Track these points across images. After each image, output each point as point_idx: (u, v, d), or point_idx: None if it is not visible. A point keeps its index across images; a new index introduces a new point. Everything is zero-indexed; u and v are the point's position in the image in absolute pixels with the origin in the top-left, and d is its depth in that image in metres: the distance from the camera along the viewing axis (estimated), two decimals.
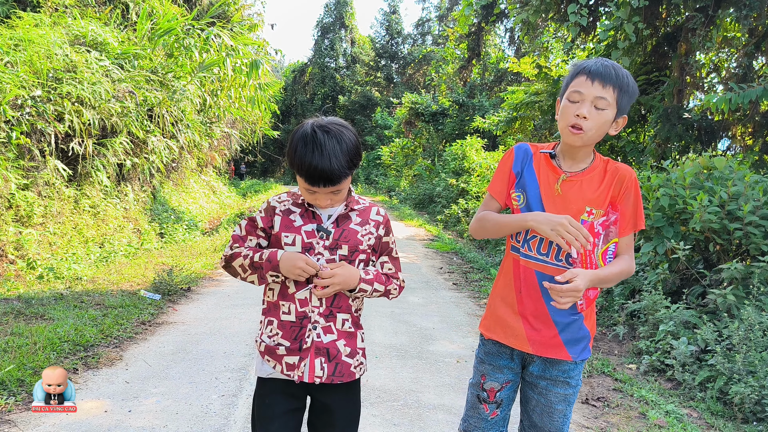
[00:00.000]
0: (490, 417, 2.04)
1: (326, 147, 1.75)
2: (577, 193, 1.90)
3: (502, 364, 2.02)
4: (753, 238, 5.02)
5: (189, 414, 3.23)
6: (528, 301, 1.94)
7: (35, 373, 3.52)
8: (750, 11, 7.22)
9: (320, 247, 1.87)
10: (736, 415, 3.93)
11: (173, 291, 5.96)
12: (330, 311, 1.88)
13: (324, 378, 1.84)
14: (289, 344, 1.86)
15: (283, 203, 1.96)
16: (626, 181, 1.92)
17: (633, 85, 1.88)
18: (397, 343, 4.87)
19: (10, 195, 7.88)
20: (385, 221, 2.01)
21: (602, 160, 1.98)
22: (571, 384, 1.98)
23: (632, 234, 1.96)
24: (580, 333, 1.94)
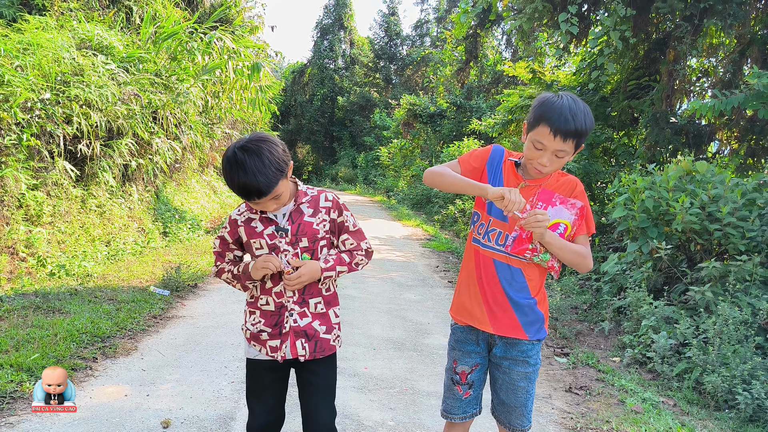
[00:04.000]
0: (464, 397, 2.26)
1: (247, 164, 1.93)
2: (530, 197, 2.12)
3: (470, 350, 2.25)
4: (731, 238, 5.30)
5: (202, 398, 3.52)
6: (488, 287, 2.16)
7: (58, 362, 3.80)
8: (734, 20, 7.52)
9: (284, 244, 2.11)
10: (710, 403, 4.22)
11: (181, 287, 6.25)
12: (303, 299, 2.16)
13: (307, 355, 2.14)
14: (271, 330, 2.14)
15: (242, 214, 2.19)
16: (577, 188, 2.16)
17: (590, 122, 2.04)
18: (393, 337, 5.16)
19: (20, 195, 8.14)
20: (335, 204, 2.22)
21: (557, 172, 2.20)
22: (530, 363, 2.19)
23: (586, 236, 2.16)
24: (535, 315, 2.16)
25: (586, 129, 2.02)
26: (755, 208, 5.50)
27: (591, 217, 2.15)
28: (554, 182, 2.15)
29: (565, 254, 2.09)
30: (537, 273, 2.17)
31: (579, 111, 2.00)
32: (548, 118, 2.00)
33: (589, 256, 2.14)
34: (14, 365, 3.61)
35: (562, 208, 2.09)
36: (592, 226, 2.16)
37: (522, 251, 2.10)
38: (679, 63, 8.43)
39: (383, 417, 3.46)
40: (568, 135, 1.98)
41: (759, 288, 5.00)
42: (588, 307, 6.80)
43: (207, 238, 10.85)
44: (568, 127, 1.97)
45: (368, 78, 43.09)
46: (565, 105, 2.00)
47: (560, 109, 1.99)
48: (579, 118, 1.98)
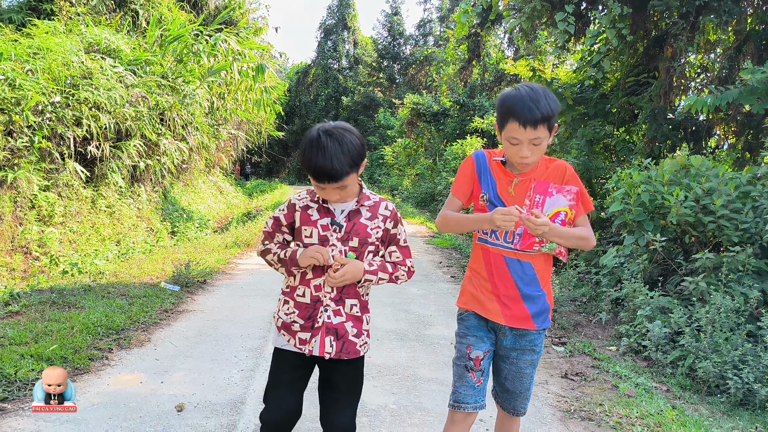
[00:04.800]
0: (476, 384, 2.28)
1: (328, 148, 1.99)
2: (525, 191, 2.19)
3: (482, 335, 2.30)
4: (725, 230, 5.44)
5: (214, 385, 3.70)
6: (499, 282, 2.23)
7: (76, 352, 3.99)
8: (729, 17, 7.65)
9: (334, 239, 2.14)
10: (702, 388, 4.37)
11: (191, 283, 6.44)
12: (340, 297, 2.17)
13: (333, 354, 2.15)
14: (303, 322, 2.16)
15: (302, 200, 2.23)
16: (567, 172, 2.24)
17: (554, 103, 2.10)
18: (397, 328, 5.33)
19: (32, 196, 8.35)
20: (393, 215, 2.26)
21: (544, 159, 2.27)
22: (536, 350, 2.31)
23: (585, 215, 2.25)
24: (543, 306, 2.26)
25: (551, 111, 2.07)
26: (749, 201, 5.63)
27: (586, 196, 2.23)
28: (544, 170, 2.23)
29: (568, 242, 2.17)
30: (544, 264, 2.26)
31: (539, 97, 2.05)
32: (513, 113, 2.07)
33: (591, 236, 2.22)
34: (34, 355, 3.80)
35: (559, 196, 2.14)
36: (589, 204, 2.23)
37: (530, 245, 2.18)
38: (677, 60, 8.56)
39: (386, 401, 3.63)
40: (536, 122, 2.04)
41: (751, 278, 5.14)
42: (587, 300, 6.95)
43: (214, 237, 11.04)
44: (534, 115, 2.03)
45: (372, 78, 43.26)
46: (524, 95, 2.07)
47: (521, 101, 2.05)
48: (541, 103, 2.04)
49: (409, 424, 3.33)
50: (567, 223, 2.16)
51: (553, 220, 2.12)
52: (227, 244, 9.77)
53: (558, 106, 2.11)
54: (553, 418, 3.56)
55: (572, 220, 2.18)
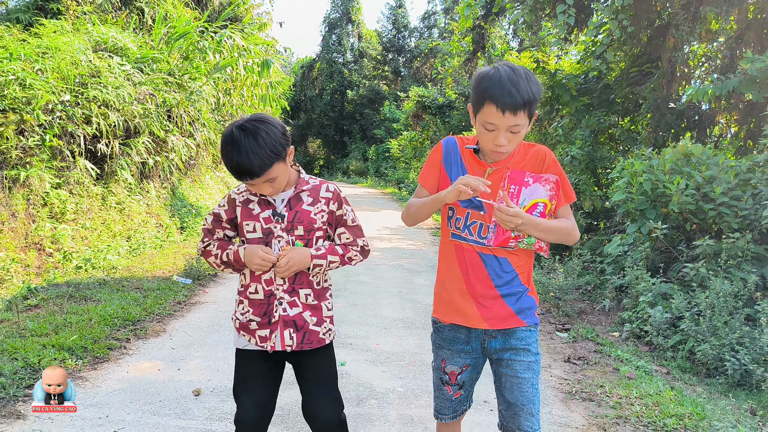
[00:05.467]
0: (453, 397, 2.16)
1: (242, 144, 1.90)
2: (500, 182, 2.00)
3: (458, 348, 2.11)
4: (725, 217, 5.54)
5: (228, 371, 3.84)
6: (476, 282, 2.04)
7: (95, 342, 4.14)
8: (730, 7, 7.71)
9: (278, 230, 2.07)
10: (701, 371, 4.49)
11: (202, 276, 6.60)
12: (293, 288, 2.09)
13: (294, 346, 2.08)
14: (260, 319, 2.09)
15: (242, 194, 2.14)
16: (546, 160, 2.04)
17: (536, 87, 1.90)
18: (403, 317, 5.47)
19: (44, 193, 8.52)
20: (336, 196, 2.17)
21: (522, 145, 2.06)
22: (531, 351, 2.07)
23: (567, 206, 2.06)
24: (527, 303, 2.07)
25: (533, 95, 1.88)
26: (749, 188, 5.72)
27: (568, 185, 2.05)
28: (521, 157, 2.04)
29: (547, 235, 1.98)
30: (525, 260, 2.08)
31: (521, 79, 1.85)
32: (491, 95, 1.86)
33: (573, 229, 2.05)
34: (56, 345, 3.96)
35: (537, 186, 1.96)
36: (571, 194, 2.05)
37: (506, 241, 1.99)
38: (679, 50, 8.62)
39: (394, 384, 3.77)
40: (516, 108, 1.84)
41: (751, 264, 5.24)
42: (592, 288, 7.07)
43: None
44: (515, 100, 1.83)
45: (377, 71, 43.29)
46: (504, 77, 1.86)
47: (500, 83, 1.85)
48: (522, 86, 1.84)
49: (416, 405, 3.46)
50: (546, 215, 1.97)
51: (531, 212, 1.94)
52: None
53: (540, 91, 1.91)
54: (554, 399, 3.69)
55: (553, 212, 2.01)
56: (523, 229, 1.93)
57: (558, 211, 2.03)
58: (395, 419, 3.27)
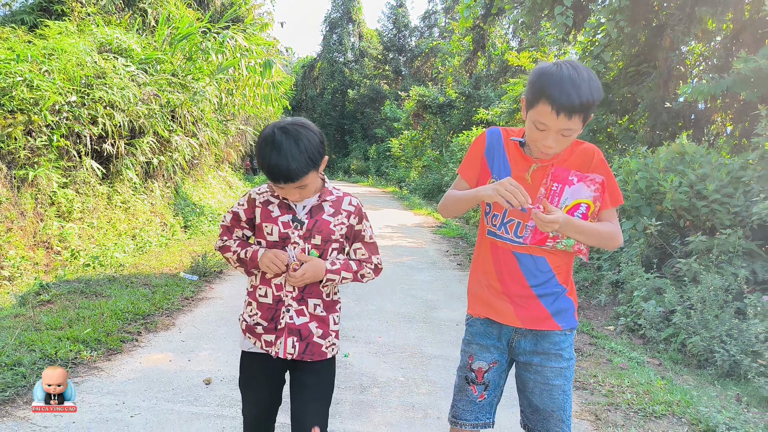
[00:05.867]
0: (478, 399, 2.05)
1: (283, 147, 1.87)
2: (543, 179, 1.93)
3: (488, 343, 2.05)
4: (718, 213, 5.70)
5: (236, 362, 3.96)
6: (510, 281, 1.97)
7: (108, 335, 4.31)
8: (725, 8, 7.86)
9: (295, 236, 2.03)
10: (691, 362, 4.65)
11: (208, 273, 6.76)
12: (302, 296, 2.06)
13: (295, 355, 2.04)
14: (266, 324, 2.06)
15: (263, 195, 2.10)
16: (594, 159, 1.94)
17: (597, 91, 1.79)
18: (405, 312, 5.63)
19: (52, 193, 8.68)
20: (357, 210, 2.13)
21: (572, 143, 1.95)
22: (564, 356, 1.98)
23: (613, 209, 1.97)
24: (564, 304, 1.99)
25: (592, 100, 1.77)
26: (741, 185, 5.87)
27: (615, 187, 1.95)
28: (568, 155, 1.94)
29: (587, 238, 1.89)
30: (563, 259, 1.99)
31: (582, 81, 1.73)
32: (548, 95, 1.76)
33: (616, 233, 1.94)
34: (71, 338, 4.12)
35: (581, 185, 1.87)
36: (618, 197, 1.96)
37: (543, 240, 1.91)
38: (675, 50, 8.77)
39: (395, 374, 3.93)
40: (573, 111, 1.74)
41: (742, 259, 5.40)
42: (589, 284, 7.22)
43: None
44: (572, 102, 1.72)
45: (378, 70, 43.45)
46: (565, 76, 1.75)
47: (560, 82, 1.74)
48: (583, 89, 1.73)
49: (417, 393, 3.63)
50: (589, 217, 1.89)
51: (573, 212, 1.87)
52: None
53: (600, 94, 1.80)
54: None
55: (596, 214, 1.91)
56: (562, 231, 1.85)
57: (602, 214, 1.94)
58: (397, 406, 3.43)
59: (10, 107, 8.17)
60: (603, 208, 1.92)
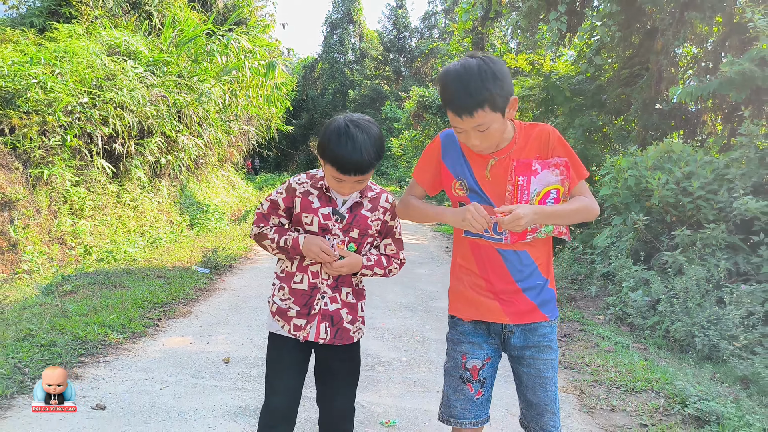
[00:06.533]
0: (476, 397, 2.05)
1: (357, 139, 1.93)
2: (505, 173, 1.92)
3: (480, 340, 2.04)
4: (702, 209, 6.03)
5: (251, 345, 4.34)
6: (495, 278, 1.97)
7: (131, 321, 4.64)
8: (713, 13, 8.19)
9: (336, 228, 2.10)
10: (674, 347, 4.98)
11: (219, 266, 7.10)
12: (336, 285, 2.15)
13: (327, 340, 2.12)
14: (299, 309, 2.12)
15: (303, 185, 2.14)
16: (550, 139, 1.93)
17: (494, 80, 1.74)
18: (406, 301, 5.97)
19: (65, 191, 9.01)
20: (392, 207, 2.21)
21: (523, 127, 1.96)
22: (553, 347, 2.03)
23: (581, 183, 1.97)
24: (547, 295, 2.01)
25: (488, 92, 1.73)
26: (725, 182, 6.20)
27: (577, 162, 1.96)
28: (525, 141, 1.94)
29: (564, 220, 1.94)
30: (544, 250, 2.02)
31: (472, 77, 1.74)
32: (444, 100, 1.81)
33: (591, 205, 1.96)
34: (97, 323, 4.45)
35: (545, 173, 1.88)
36: (582, 171, 1.97)
37: (523, 235, 1.92)
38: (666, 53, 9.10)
39: (398, 355, 4.27)
40: (470, 107, 1.74)
41: (724, 251, 5.72)
42: (582, 278, 7.55)
43: (233, 228, 11.72)
44: (465, 102, 1.74)
45: (378, 71, 43.79)
46: (453, 78, 1.78)
47: (450, 85, 1.78)
48: (472, 86, 1.73)
49: (418, 371, 3.96)
50: (561, 199, 1.92)
51: (544, 200, 1.89)
52: (246, 234, 10.44)
53: (501, 80, 1.76)
54: None
55: (567, 194, 1.94)
56: (538, 221, 1.87)
57: (573, 191, 1.96)
58: (400, 381, 3.77)
59: (25, 108, 8.48)
60: (572, 186, 1.94)
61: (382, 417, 3.21)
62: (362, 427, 3.07)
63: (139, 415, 3.05)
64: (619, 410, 3.49)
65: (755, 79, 6.57)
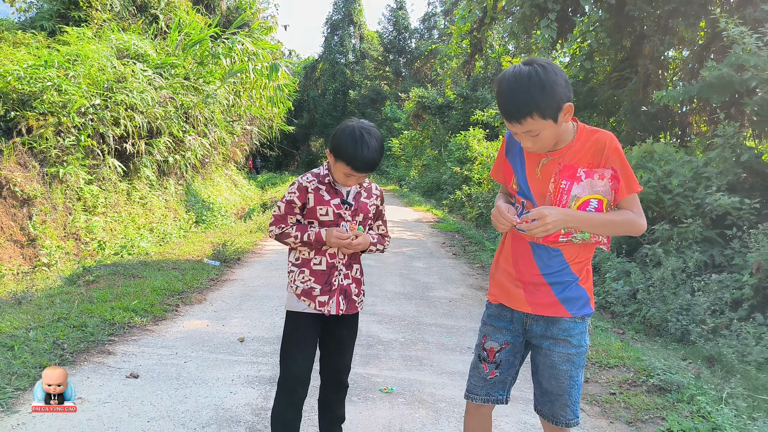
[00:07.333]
0: (489, 377, 2.16)
1: (370, 145, 2.33)
2: (553, 174, 1.95)
3: (501, 326, 2.15)
4: (681, 206, 6.45)
5: (263, 327, 4.77)
6: (524, 269, 2.05)
7: (152, 306, 5.07)
8: (697, 20, 8.61)
9: (347, 215, 2.48)
10: (650, 331, 5.41)
11: (228, 259, 7.53)
12: (349, 263, 2.54)
13: (344, 311, 2.50)
14: (321, 287, 2.47)
15: (311, 183, 2.49)
16: (606, 148, 1.92)
17: (541, 89, 1.79)
18: (404, 291, 6.40)
19: (79, 189, 9.43)
20: (381, 194, 2.67)
21: (585, 131, 1.97)
22: (572, 343, 2.04)
23: (631, 197, 1.95)
24: (575, 293, 2.02)
25: (534, 102, 1.80)
26: (703, 180, 6.62)
27: (630, 175, 1.93)
28: (581, 146, 1.95)
29: (599, 229, 1.93)
30: (580, 251, 2.01)
31: (519, 87, 1.82)
32: (498, 106, 1.90)
33: (635, 219, 1.94)
34: (122, 308, 4.87)
35: (588, 181, 1.89)
36: (632, 185, 1.94)
37: (555, 237, 1.95)
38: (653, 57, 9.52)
39: (396, 336, 4.70)
40: (518, 116, 1.83)
41: (701, 245, 6.15)
42: None
43: (239, 224, 12.16)
44: (510, 111, 1.84)
45: (378, 71, 44.21)
46: (503, 88, 1.86)
47: (501, 95, 1.87)
48: (519, 96, 1.81)
49: (414, 350, 4.40)
50: (605, 209, 1.92)
51: (584, 208, 1.91)
52: (251, 230, 10.88)
53: (551, 89, 1.80)
54: None
55: (613, 205, 1.95)
56: (572, 227, 1.92)
57: (620, 203, 1.97)
58: (397, 357, 4.20)
59: (41, 110, 8.91)
60: (619, 197, 1.93)
61: (381, 385, 3.64)
62: (364, 393, 3.50)
63: (168, 382, 3.49)
64: (592, 382, 3.92)
65: (733, 83, 6.98)
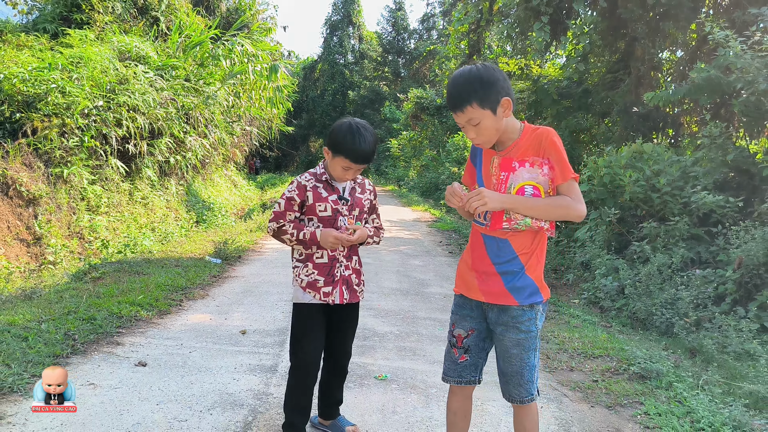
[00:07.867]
0: (459, 360, 2.33)
1: (367, 138, 2.50)
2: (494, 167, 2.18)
3: (465, 314, 2.32)
4: (669, 204, 6.66)
5: (264, 320, 4.97)
6: (477, 259, 2.24)
7: (157, 301, 5.27)
8: (686, 23, 8.82)
9: (344, 210, 2.63)
10: (637, 325, 5.61)
11: (229, 257, 7.73)
12: (349, 254, 2.70)
13: (348, 300, 2.67)
14: (324, 278, 2.63)
15: (310, 181, 2.64)
16: (544, 140, 2.10)
17: (486, 76, 2.02)
18: (400, 288, 6.60)
19: (82, 189, 9.63)
20: (374, 189, 2.83)
21: (530, 129, 2.16)
22: (521, 329, 2.19)
23: (567, 183, 2.09)
24: (523, 282, 2.16)
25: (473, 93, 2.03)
26: (691, 179, 6.83)
27: (565, 163, 2.09)
28: (525, 143, 2.14)
29: (539, 212, 2.08)
30: (528, 240, 2.16)
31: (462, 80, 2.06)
32: (447, 101, 2.11)
33: (571, 203, 2.08)
34: (128, 302, 5.07)
35: (521, 170, 2.08)
36: (567, 172, 2.09)
37: (499, 224, 2.12)
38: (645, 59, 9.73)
39: (392, 329, 4.90)
40: (458, 105, 2.06)
41: (688, 242, 6.35)
42: (564, 268, 8.19)
43: (239, 224, 12.35)
44: (453, 101, 2.07)
45: (377, 72, 44.38)
46: (450, 84, 2.10)
47: (447, 90, 2.10)
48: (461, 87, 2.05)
49: (408, 341, 4.60)
50: (543, 196, 2.09)
51: (521, 194, 2.09)
52: (252, 229, 11.08)
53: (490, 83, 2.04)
54: None
55: (551, 192, 2.09)
56: (510, 208, 2.09)
57: (558, 189, 2.11)
58: (392, 348, 4.40)
59: (45, 111, 9.10)
60: (556, 183, 2.09)
61: (376, 373, 3.84)
62: (360, 380, 3.71)
63: (175, 370, 3.69)
64: (576, 370, 4.12)
65: (721, 85, 7.19)
